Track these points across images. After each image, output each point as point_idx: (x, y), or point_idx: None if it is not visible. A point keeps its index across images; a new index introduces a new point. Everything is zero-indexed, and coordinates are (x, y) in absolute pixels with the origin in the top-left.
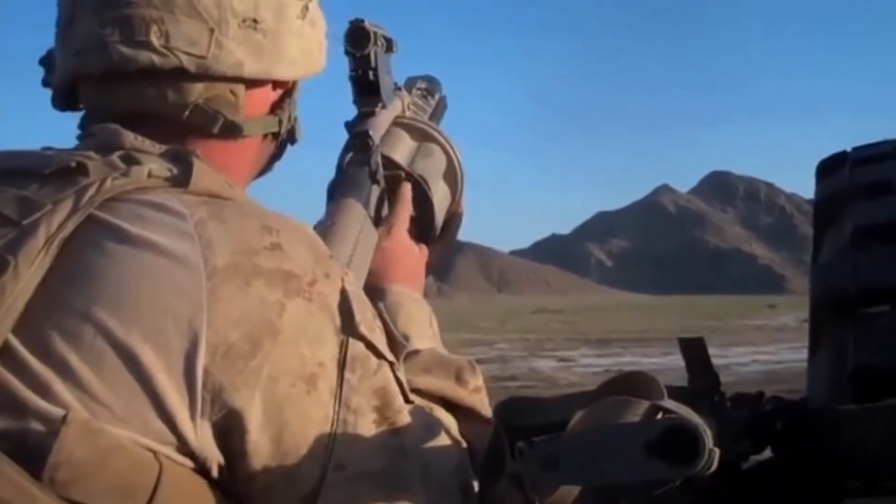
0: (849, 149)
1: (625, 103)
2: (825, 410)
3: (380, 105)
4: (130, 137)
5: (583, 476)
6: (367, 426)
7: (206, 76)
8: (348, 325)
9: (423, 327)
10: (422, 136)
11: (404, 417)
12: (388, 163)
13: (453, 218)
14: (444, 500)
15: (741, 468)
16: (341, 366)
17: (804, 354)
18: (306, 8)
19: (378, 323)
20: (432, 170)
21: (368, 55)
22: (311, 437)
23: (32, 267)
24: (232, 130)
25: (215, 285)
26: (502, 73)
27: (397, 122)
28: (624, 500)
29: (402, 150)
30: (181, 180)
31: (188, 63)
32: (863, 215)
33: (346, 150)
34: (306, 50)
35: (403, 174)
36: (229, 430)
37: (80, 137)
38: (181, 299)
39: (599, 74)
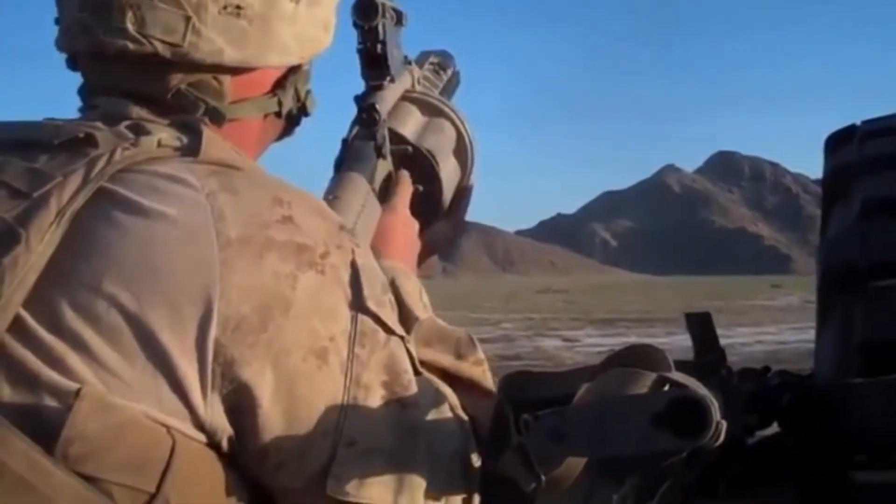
0: (858, 122)
1: (630, 84)
2: (832, 384)
3: (388, 79)
4: (136, 108)
5: (590, 448)
6: (377, 402)
7: (183, 64)
8: (357, 300)
9: (415, 301)
10: (432, 111)
11: (412, 393)
12: (396, 137)
13: (463, 194)
14: (447, 477)
15: (747, 442)
16: (352, 340)
17: (808, 335)
18: None
19: (389, 296)
20: (442, 145)
21: (377, 27)
22: (322, 412)
23: (44, 240)
24: (215, 116)
25: (229, 256)
26: (506, 55)
27: (407, 97)
28: (630, 473)
29: (410, 124)
30: (191, 149)
31: (163, 50)
32: (872, 189)
33: (353, 124)
34: (301, 34)
35: (411, 149)
36: (240, 404)
37: (81, 109)
38: (194, 271)
39: (604, 55)
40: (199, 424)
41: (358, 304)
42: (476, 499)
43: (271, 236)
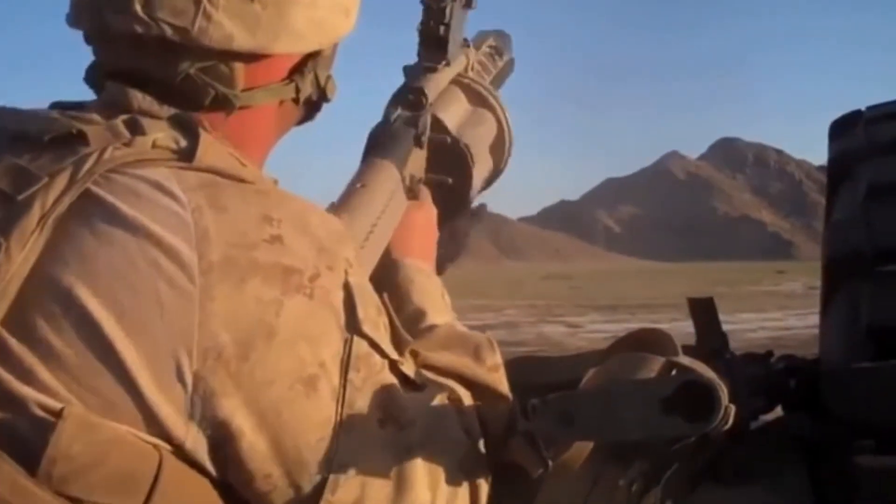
0: (863, 108)
1: (634, 70)
2: (838, 368)
3: (444, 63)
4: (139, 98)
5: (598, 431)
6: (372, 426)
7: (192, 49)
8: (351, 323)
9: (437, 301)
10: (479, 100)
11: (410, 413)
12: (437, 125)
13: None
14: (451, 492)
15: (752, 426)
16: (345, 365)
17: (812, 321)
18: None
19: (383, 318)
20: (480, 139)
21: (445, 8)
22: (312, 440)
23: (25, 248)
24: (224, 104)
25: (209, 283)
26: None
27: (458, 81)
28: (637, 457)
29: (454, 112)
30: (187, 153)
31: (172, 34)
32: (877, 174)
33: (396, 97)
34: (318, 19)
35: (449, 140)
36: (222, 436)
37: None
38: (171, 297)
39: (608, 41)
40: (180, 451)
41: (352, 326)
42: (483, 502)
43: (256, 259)
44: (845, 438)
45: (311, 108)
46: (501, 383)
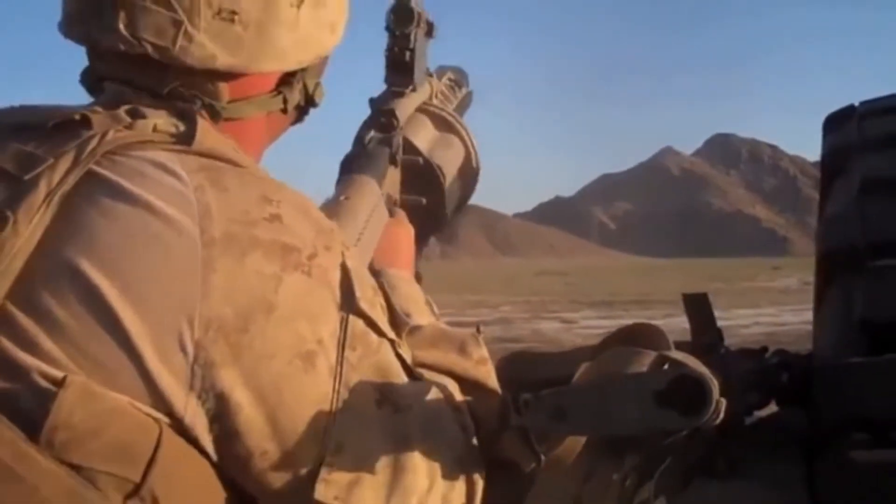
0: (856, 103)
1: (629, 66)
2: (831, 363)
3: (410, 87)
4: (137, 96)
5: (591, 426)
6: (369, 406)
7: (175, 66)
8: (349, 301)
9: (420, 305)
10: (445, 126)
11: (407, 397)
12: (409, 147)
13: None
14: (448, 486)
15: (746, 421)
16: (341, 343)
17: (807, 317)
18: None
19: (379, 299)
20: (450, 161)
21: (409, 35)
22: (308, 417)
23: (32, 223)
24: (212, 114)
25: (211, 256)
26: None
27: (423, 109)
28: (630, 452)
29: (423, 136)
30: (186, 137)
31: (154, 52)
32: (871, 168)
33: (367, 124)
34: (302, 39)
35: (422, 161)
36: (221, 408)
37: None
38: (175, 268)
39: (604, 37)
40: (178, 425)
41: (349, 305)
42: (478, 499)
43: (256, 235)
44: (839, 433)
45: (300, 112)
46: (489, 377)
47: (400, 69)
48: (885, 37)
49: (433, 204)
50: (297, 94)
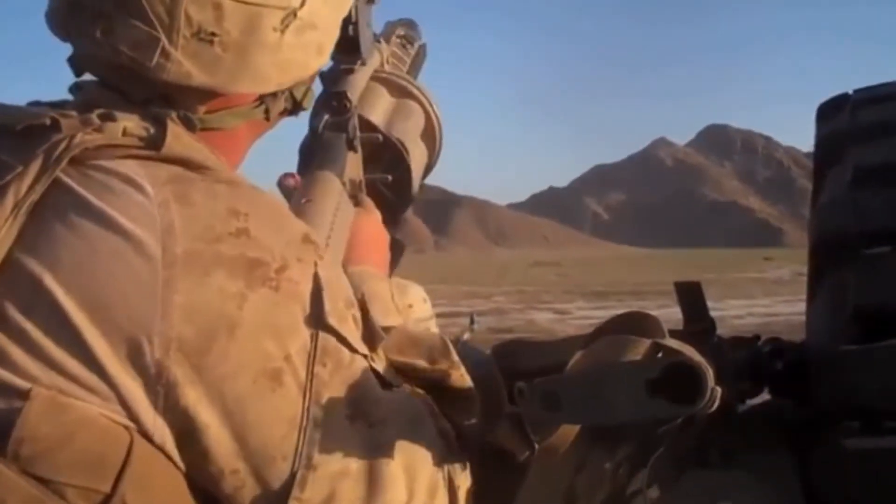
0: (850, 91)
1: (622, 56)
2: (824, 351)
3: (359, 62)
4: (112, 97)
5: (585, 414)
6: (341, 422)
7: (151, 78)
8: (318, 316)
9: (386, 304)
10: (401, 92)
11: (381, 411)
12: (366, 125)
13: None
14: (428, 495)
15: (739, 410)
16: (311, 358)
17: (800, 307)
18: (293, 15)
19: (353, 311)
20: (410, 131)
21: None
22: (278, 435)
23: (0, 234)
24: (187, 124)
25: (173, 276)
26: (498, 30)
27: (376, 77)
28: (624, 440)
29: (379, 109)
30: (154, 141)
31: (130, 64)
32: (864, 157)
33: (320, 104)
34: (284, 62)
35: (381, 137)
36: (187, 428)
37: (71, 89)
38: (134, 288)
39: (597, 28)
40: (149, 438)
41: (318, 320)
42: (462, 502)
43: (221, 252)
44: (832, 421)
45: (287, 115)
46: (461, 380)
47: (346, 46)
48: (879, 27)
49: (399, 179)
50: (281, 103)
